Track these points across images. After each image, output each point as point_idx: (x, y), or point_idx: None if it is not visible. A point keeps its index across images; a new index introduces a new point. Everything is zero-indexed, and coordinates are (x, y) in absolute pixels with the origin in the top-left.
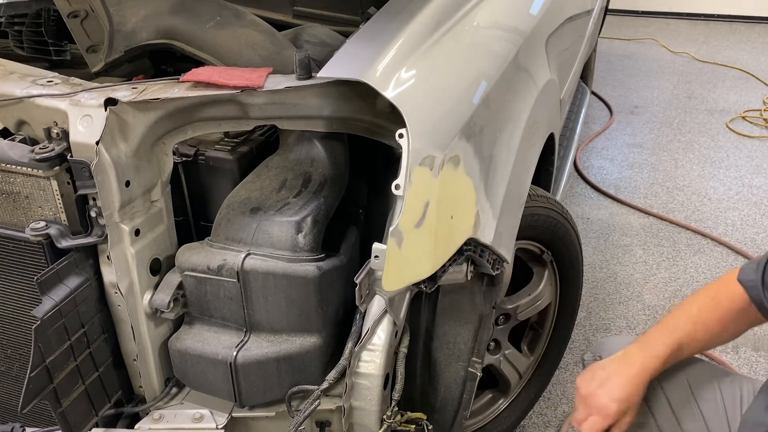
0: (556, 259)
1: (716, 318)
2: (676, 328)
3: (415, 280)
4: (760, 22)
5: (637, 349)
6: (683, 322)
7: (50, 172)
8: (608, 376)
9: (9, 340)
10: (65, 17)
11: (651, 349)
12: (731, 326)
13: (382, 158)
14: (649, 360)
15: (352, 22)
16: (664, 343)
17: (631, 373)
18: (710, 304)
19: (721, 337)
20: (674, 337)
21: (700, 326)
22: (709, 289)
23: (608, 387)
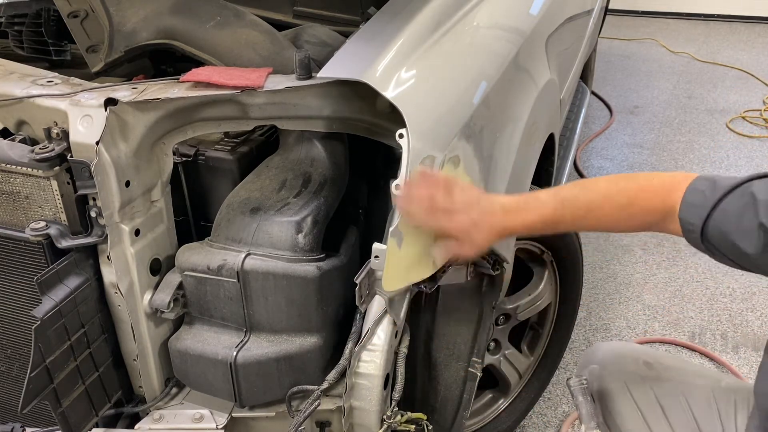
0: (556, 259)
1: (617, 217)
2: (566, 206)
3: (415, 280)
4: (760, 22)
5: (516, 205)
6: (580, 203)
7: (50, 172)
8: (484, 208)
9: (9, 340)
10: (65, 17)
11: (529, 213)
12: (629, 228)
13: (382, 158)
14: (520, 221)
15: (352, 22)
16: (543, 215)
17: (501, 224)
18: (620, 202)
19: (609, 229)
20: (558, 214)
21: (593, 218)
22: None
23: (481, 216)
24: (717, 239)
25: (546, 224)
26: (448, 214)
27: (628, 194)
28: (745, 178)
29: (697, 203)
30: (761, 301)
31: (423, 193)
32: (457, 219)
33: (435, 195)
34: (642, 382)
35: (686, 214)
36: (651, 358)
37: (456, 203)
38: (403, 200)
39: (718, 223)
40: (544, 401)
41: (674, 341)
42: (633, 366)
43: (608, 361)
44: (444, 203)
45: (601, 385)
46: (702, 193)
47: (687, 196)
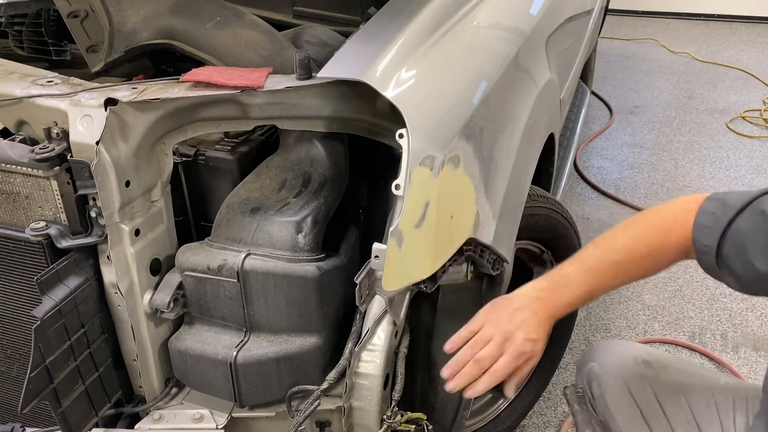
0: (556, 260)
1: (644, 266)
2: (595, 273)
3: (415, 280)
4: (760, 22)
5: (549, 291)
6: (606, 266)
7: (50, 172)
8: (525, 317)
9: (9, 340)
10: (65, 17)
11: (564, 293)
12: (657, 271)
13: (382, 158)
14: (560, 305)
15: (352, 22)
16: (578, 291)
17: (546, 315)
18: (643, 251)
19: (640, 278)
20: (590, 283)
21: (623, 272)
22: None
23: (526, 327)
24: (733, 259)
25: (584, 298)
26: (502, 358)
27: (647, 242)
28: (755, 195)
29: (710, 224)
30: (761, 301)
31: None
32: (513, 350)
33: (474, 355)
34: (641, 381)
35: (700, 236)
36: (650, 357)
37: (497, 342)
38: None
39: (734, 242)
40: (544, 401)
41: (674, 341)
42: (632, 365)
43: (607, 360)
44: (488, 353)
45: (600, 384)
46: (713, 214)
47: (698, 219)
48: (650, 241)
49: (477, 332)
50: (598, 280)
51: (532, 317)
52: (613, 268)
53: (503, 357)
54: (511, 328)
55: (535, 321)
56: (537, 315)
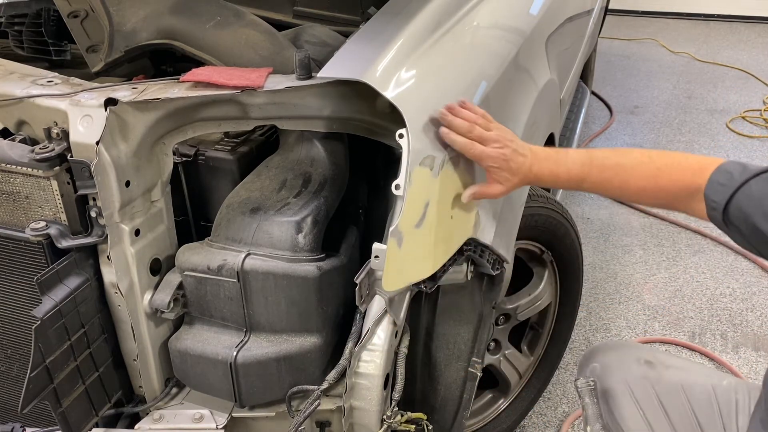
0: (556, 259)
1: (642, 186)
2: (594, 165)
3: (415, 280)
4: (760, 22)
5: (547, 155)
6: (609, 164)
7: (50, 172)
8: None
9: (9, 340)
10: (65, 17)
11: (558, 165)
12: (654, 201)
13: (382, 158)
14: (547, 170)
15: (352, 22)
16: (570, 171)
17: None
18: (648, 172)
19: (634, 200)
20: (585, 172)
21: (619, 181)
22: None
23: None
24: (739, 220)
25: (572, 178)
26: (485, 142)
27: (660, 165)
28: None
29: (724, 182)
30: (761, 301)
31: (465, 118)
32: (493, 148)
33: (475, 122)
34: (643, 381)
35: (711, 191)
36: (652, 357)
37: (493, 134)
38: (445, 120)
39: (741, 204)
40: (544, 401)
41: (674, 341)
42: (634, 365)
43: (609, 360)
44: (482, 132)
45: (603, 384)
46: (730, 174)
47: (714, 176)
48: (661, 165)
49: None
50: (594, 171)
51: (522, 155)
52: (615, 169)
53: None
54: (507, 140)
55: (521, 159)
56: (526, 158)
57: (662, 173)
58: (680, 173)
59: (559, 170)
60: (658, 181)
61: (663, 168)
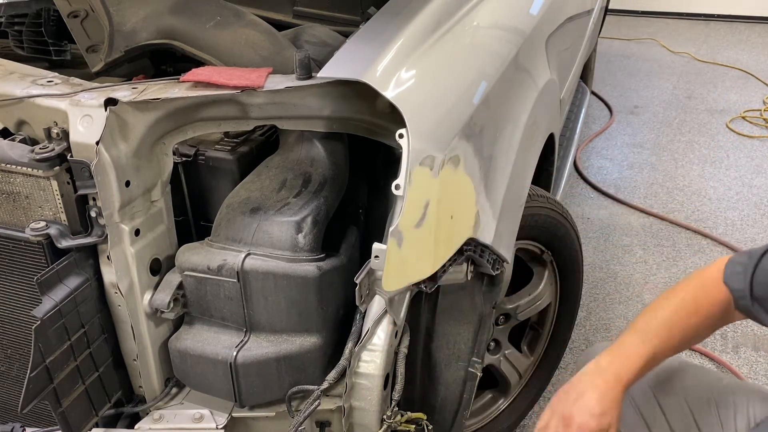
0: (556, 259)
1: (694, 323)
2: (650, 335)
3: (415, 280)
4: (760, 22)
5: (610, 360)
6: (659, 327)
7: (50, 172)
8: (583, 391)
9: (9, 340)
10: (65, 17)
11: (626, 360)
12: (709, 329)
13: (382, 158)
14: (624, 371)
15: (352, 22)
16: (639, 353)
17: (607, 387)
18: (689, 309)
19: (696, 339)
20: (649, 346)
21: (677, 331)
22: (687, 288)
23: (584, 402)
24: (764, 295)
25: (647, 361)
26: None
27: (690, 297)
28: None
29: (739, 270)
30: None
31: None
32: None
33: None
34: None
35: (733, 282)
36: None
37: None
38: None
39: (762, 279)
40: (544, 401)
41: None
42: None
43: None
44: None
45: None
46: (740, 263)
47: (729, 268)
48: (692, 296)
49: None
50: (654, 338)
51: (592, 392)
52: (666, 326)
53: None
54: (568, 410)
55: (596, 395)
56: (599, 388)
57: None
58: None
59: (635, 361)
60: (701, 313)
61: (694, 299)
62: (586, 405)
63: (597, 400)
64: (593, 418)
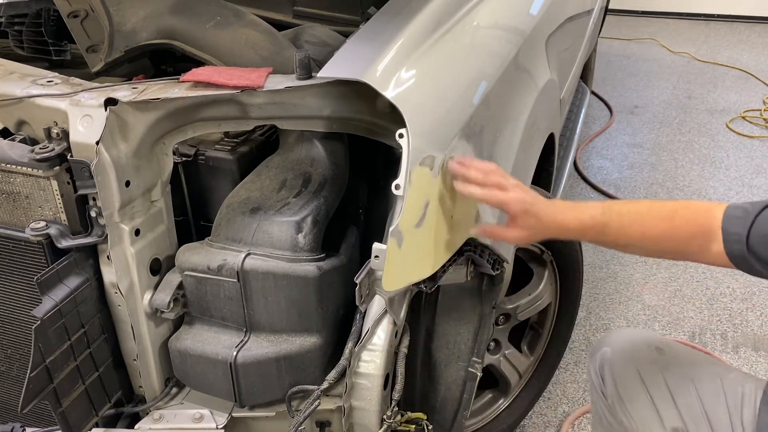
0: (556, 259)
1: (660, 228)
2: (614, 213)
3: (415, 280)
4: (760, 22)
5: (567, 205)
6: (626, 210)
7: (50, 172)
8: (538, 197)
9: (9, 340)
10: (65, 17)
11: (577, 212)
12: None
13: (382, 158)
14: (572, 217)
15: (352, 22)
16: (592, 215)
17: (555, 215)
18: (663, 213)
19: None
20: (607, 216)
21: (638, 226)
22: (673, 202)
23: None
24: (763, 246)
25: (596, 224)
26: (504, 188)
27: (671, 207)
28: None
29: (740, 215)
30: (761, 300)
31: (478, 168)
32: (514, 193)
33: (492, 169)
34: (652, 367)
35: (730, 225)
36: (663, 344)
37: (512, 180)
38: (459, 172)
39: (763, 228)
40: (544, 401)
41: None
42: (645, 351)
43: (620, 345)
44: (499, 179)
45: (612, 368)
46: (743, 208)
47: (729, 211)
48: (673, 209)
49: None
50: (614, 217)
51: (543, 204)
52: (632, 214)
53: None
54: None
55: (544, 207)
56: (548, 208)
57: (677, 214)
58: (693, 213)
59: (584, 217)
60: (674, 222)
61: (676, 210)
62: (534, 199)
63: (540, 209)
64: (530, 206)
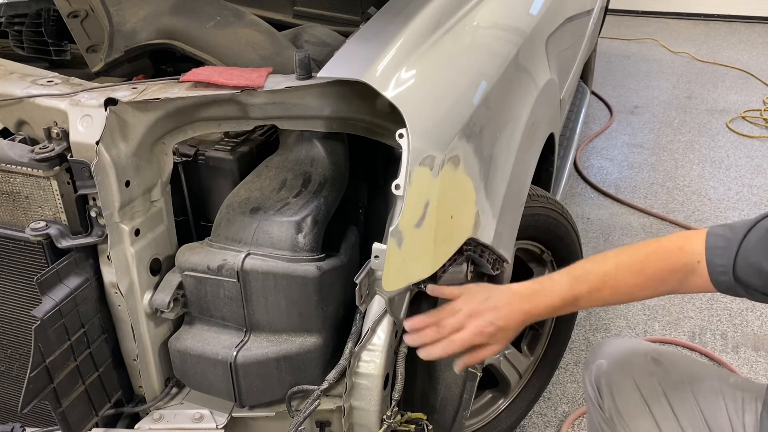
0: (556, 259)
1: (633, 283)
2: (582, 282)
3: (415, 280)
4: (760, 22)
5: (532, 291)
6: (594, 276)
7: (50, 172)
8: (497, 304)
9: (9, 340)
10: (65, 17)
11: (545, 297)
12: (650, 292)
13: (382, 158)
14: (539, 308)
15: (352, 22)
16: (561, 295)
17: (521, 310)
18: (634, 268)
19: (630, 298)
20: (576, 290)
21: (609, 287)
22: (641, 249)
23: (495, 312)
24: (750, 275)
25: (566, 303)
26: (461, 327)
27: (640, 259)
28: (759, 217)
29: (722, 245)
30: None
31: (425, 324)
32: (472, 325)
33: (439, 321)
34: (650, 378)
35: (714, 257)
36: (659, 354)
37: (461, 315)
38: (414, 343)
39: (748, 257)
40: (544, 401)
41: (674, 341)
42: (641, 362)
43: (616, 357)
44: (452, 322)
45: (609, 381)
46: (722, 237)
47: (710, 241)
48: (642, 258)
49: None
50: (583, 288)
51: (505, 306)
52: (601, 279)
53: (463, 330)
54: (481, 307)
55: (506, 310)
56: (512, 306)
57: (646, 265)
58: (664, 258)
59: (553, 300)
60: (646, 273)
61: (645, 260)
62: (496, 315)
63: (506, 317)
64: (492, 327)
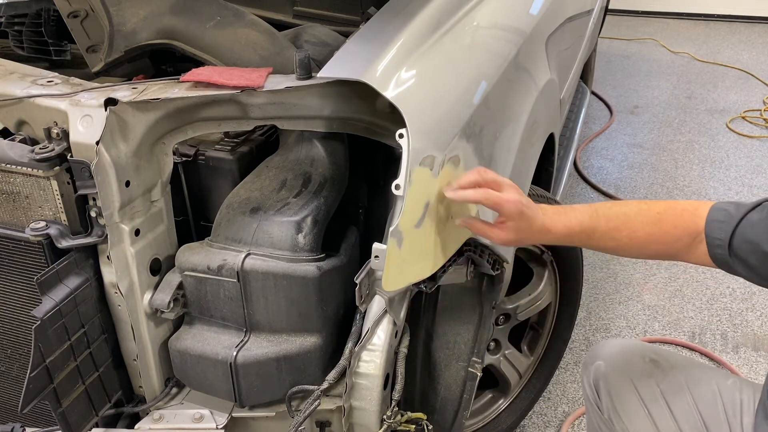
0: (556, 259)
1: (647, 232)
2: (601, 216)
3: (415, 280)
4: (760, 22)
5: (555, 210)
6: (614, 214)
7: (50, 172)
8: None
9: (9, 340)
10: (65, 17)
11: (565, 218)
12: (659, 246)
13: (382, 158)
14: (560, 223)
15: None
16: (580, 221)
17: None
18: (651, 217)
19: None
20: (595, 222)
21: (626, 230)
22: (661, 204)
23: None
24: (746, 252)
25: (583, 230)
26: (500, 187)
27: (659, 210)
28: (764, 198)
29: (723, 219)
30: (761, 301)
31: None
32: (510, 193)
33: (485, 170)
34: (648, 379)
35: (712, 230)
36: (657, 355)
37: (507, 179)
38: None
39: (747, 235)
40: (544, 401)
41: (674, 341)
42: (639, 363)
43: (614, 358)
44: (494, 175)
45: (607, 383)
46: (726, 211)
47: (712, 215)
48: (660, 210)
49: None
50: (601, 222)
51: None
52: (620, 218)
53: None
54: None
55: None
56: (537, 212)
57: (663, 217)
58: (680, 215)
59: (572, 223)
60: (662, 226)
61: (662, 212)
62: (527, 202)
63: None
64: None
